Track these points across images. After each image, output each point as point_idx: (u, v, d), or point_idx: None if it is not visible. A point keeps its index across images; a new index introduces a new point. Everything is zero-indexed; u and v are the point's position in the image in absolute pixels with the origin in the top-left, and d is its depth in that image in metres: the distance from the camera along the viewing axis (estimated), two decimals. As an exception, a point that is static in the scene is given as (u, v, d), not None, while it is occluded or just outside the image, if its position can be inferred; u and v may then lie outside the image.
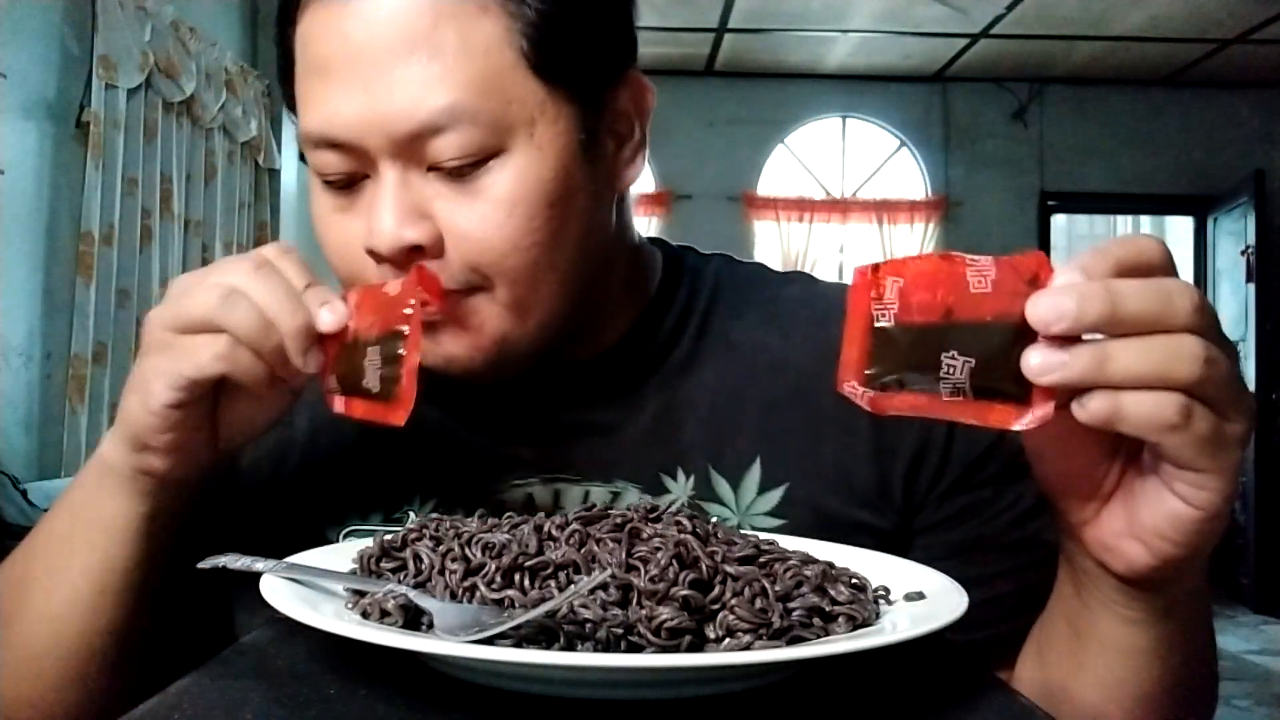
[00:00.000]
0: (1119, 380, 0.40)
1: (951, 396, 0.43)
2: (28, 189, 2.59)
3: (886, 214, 5.66)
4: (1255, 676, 4.05)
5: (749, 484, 0.65)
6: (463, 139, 0.55)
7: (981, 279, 0.43)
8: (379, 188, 0.57)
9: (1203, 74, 5.48)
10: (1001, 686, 0.46)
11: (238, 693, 0.41)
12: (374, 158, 0.57)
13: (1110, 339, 0.40)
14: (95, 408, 2.78)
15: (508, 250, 0.57)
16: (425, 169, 0.57)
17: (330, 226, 0.61)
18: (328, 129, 0.57)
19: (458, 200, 0.57)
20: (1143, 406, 0.40)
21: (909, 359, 0.43)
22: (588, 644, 0.40)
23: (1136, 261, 0.42)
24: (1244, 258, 5.21)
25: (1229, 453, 0.42)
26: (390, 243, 0.56)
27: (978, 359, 0.42)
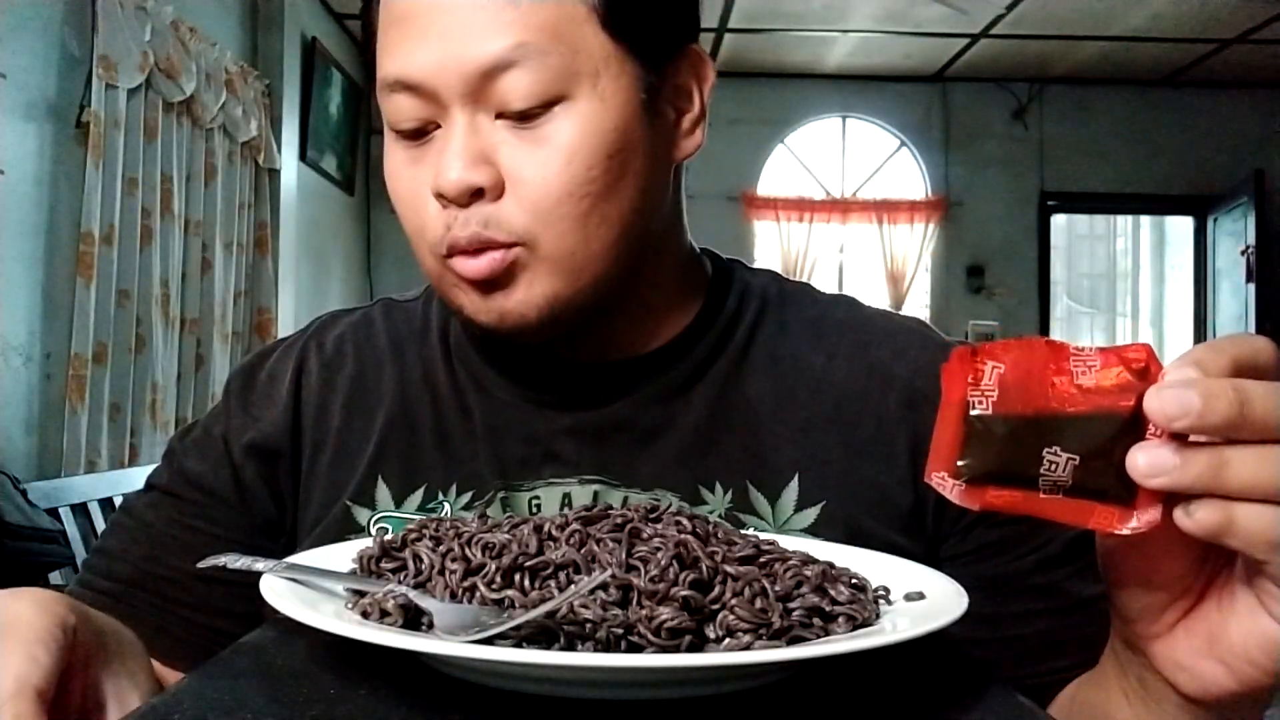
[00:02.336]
0: (1235, 490, 0.37)
1: (1050, 494, 0.40)
2: (28, 189, 2.59)
3: (886, 214, 5.66)
4: (1255, 676, 4.05)
5: (786, 500, 0.65)
6: (530, 79, 0.57)
7: (1087, 369, 0.40)
8: (448, 132, 0.59)
9: (1203, 74, 5.49)
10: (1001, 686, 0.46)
11: (238, 693, 0.41)
12: (445, 102, 0.59)
13: (1227, 444, 0.37)
14: (95, 408, 2.78)
15: (563, 197, 0.59)
16: (493, 116, 0.59)
17: (402, 179, 0.63)
18: (404, 71, 0.59)
19: (522, 146, 0.59)
20: (1259, 521, 0.37)
21: (1005, 452, 0.41)
22: (588, 644, 0.40)
23: (1254, 361, 0.39)
24: (1244, 258, 5.22)
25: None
26: (455, 184, 0.58)
27: (1081, 456, 0.39)
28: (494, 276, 0.60)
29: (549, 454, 0.67)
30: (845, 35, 5.09)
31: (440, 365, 0.72)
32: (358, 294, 5.17)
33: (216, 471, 0.70)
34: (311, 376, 0.72)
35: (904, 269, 5.65)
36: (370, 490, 0.68)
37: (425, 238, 0.62)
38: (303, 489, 0.70)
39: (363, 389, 0.72)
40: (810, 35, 5.09)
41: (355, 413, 0.71)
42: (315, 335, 0.75)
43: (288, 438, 0.70)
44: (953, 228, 5.70)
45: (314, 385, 0.72)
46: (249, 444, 0.70)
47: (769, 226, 5.62)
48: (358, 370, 0.72)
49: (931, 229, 5.66)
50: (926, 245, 5.66)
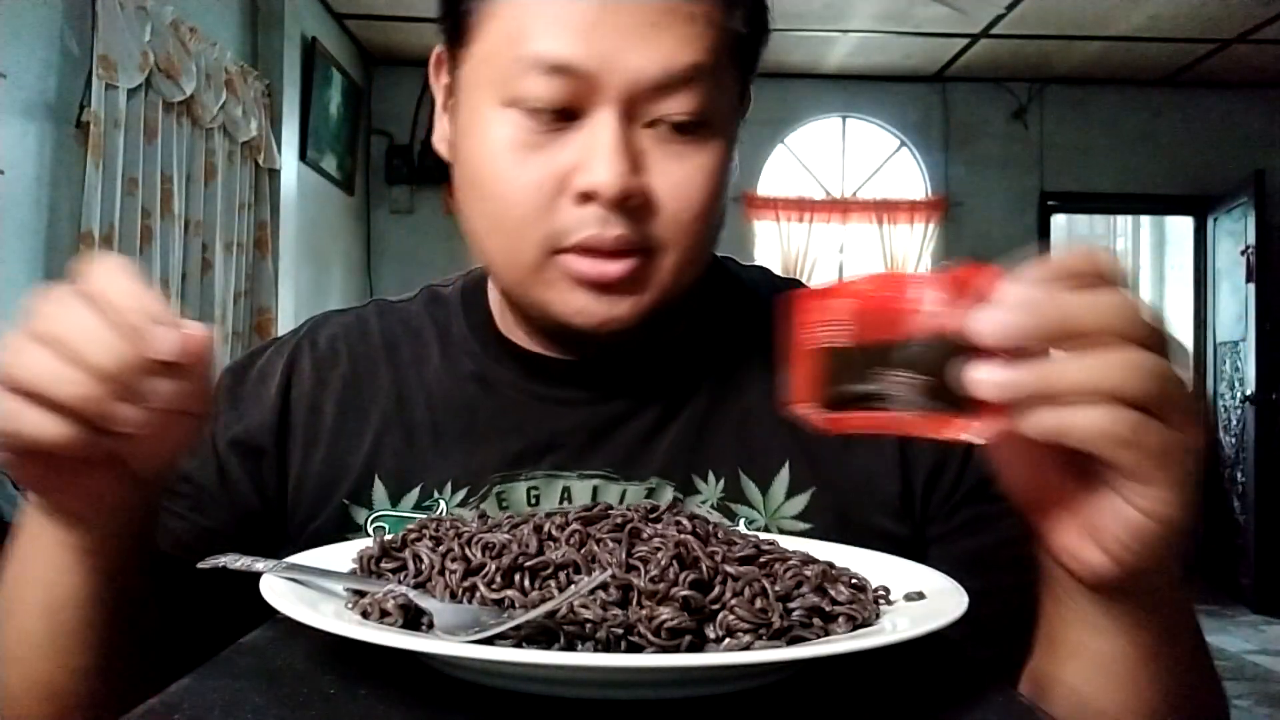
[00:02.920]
0: (1065, 395, 0.40)
1: (904, 411, 0.43)
2: (28, 189, 2.59)
3: (886, 214, 5.66)
4: (1255, 676, 4.05)
5: (777, 488, 0.67)
6: (695, 100, 0.59)
7: (927, 295, 0.42)
8: (602, 130, 0.58)
9: (1203, 74, 5.48)
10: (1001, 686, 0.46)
11: (238, 693, 0.41)
12: (602, 99, 0.58)
13: (1057, 353, 0.40)
14: (95, 408, 2.78)
15: (701, 214, 0.62)
16: (644, 124, 0.59)
17: (516, 159, 0.60)
18: (571, 56, 0.57)
19: (671, 160, 0.60)
20: (1090, 421, 0.40)
21: (860, 378, 0.44)
22: (588, 644, 0.40)
23: (1084, 272, 0.41)
24: (1244, 258, 5.21)
25: (1181, 465, 0.42)
26: (617, 187, 0.58)
27: (928, 375, 0.42)
28: (624, 280, 0.61)
29: (550, 447, 0.68)
30: (845, 35, 5.09)
31: (438, 364, 0.72)
32: (358, 294, 5.17)
33: (203, 465, 0.70)
34: (304, 375, 0.73)
35: (904, 269, 5.65)
36: (367, 490, 0.69)
37: (541, 228, 0.60)
38: (293, 487, 0.70)
39: (356, 388, 0.72)
40: (810, 35, 5.08)
41: (349, 411, 0.71)
42: (308, 335, 0.76)
43: (273, 436, 0.70)
44: (953, 228, 5.69)
45: (306, 384, 0.72)
46: (233, 439, 0.70)
47: (769, 226, 5.61)
48: (351, 369, 0.73)
49: (931, 229, 5.65)
50: (926, 245, 5.66)
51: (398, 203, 5.46)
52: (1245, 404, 5.20)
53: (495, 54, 0.60)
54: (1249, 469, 5.16)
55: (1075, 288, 0.40)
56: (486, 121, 0.61)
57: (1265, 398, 5.07)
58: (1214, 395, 5.65)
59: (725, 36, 0.61)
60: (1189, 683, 0.54)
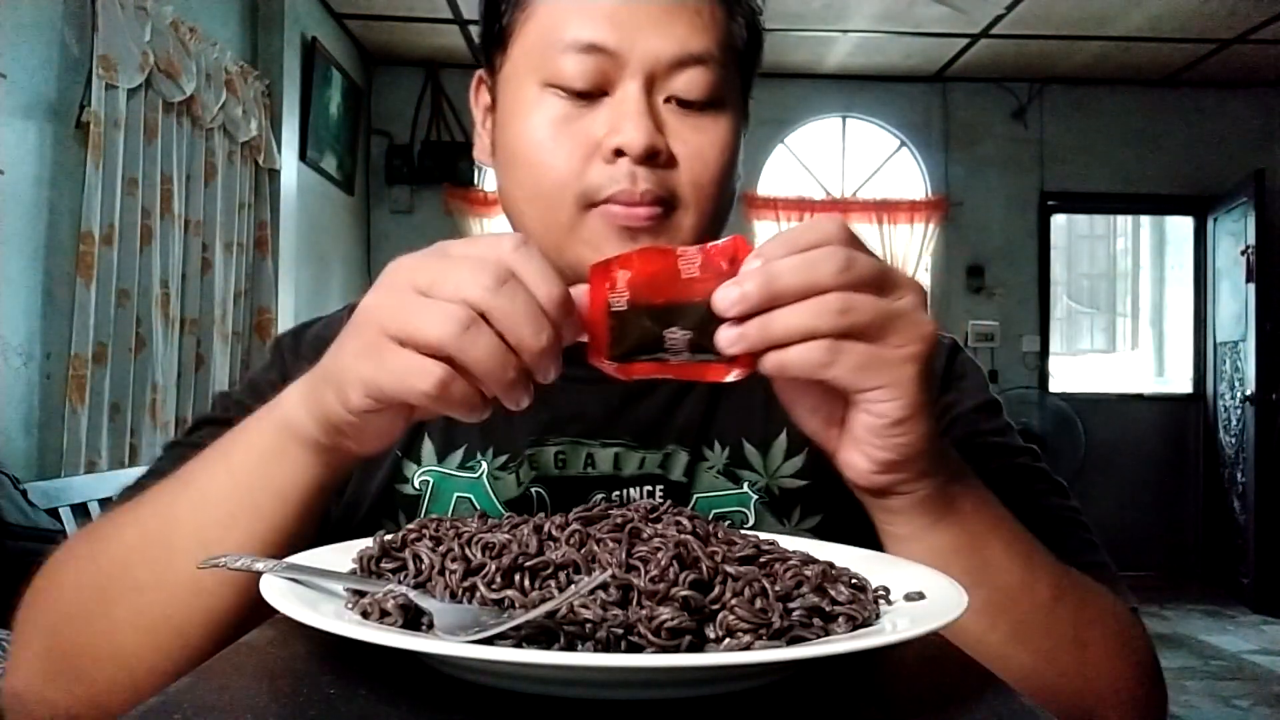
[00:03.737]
0: (782, 340, 0.50)
1: (677, 360, 0.53)
2: (28, 189, 2.59)
3: (886, 214, 5.66)
4: (1255, 676, 4.05)
5: (776, 452, 0.75)
6: (706, 80, 0.69)
7: (691, 265, 0.52)
8: (628, 98, 0.68)
9: (1203, 74, 5.49)
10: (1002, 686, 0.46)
11: (238, 693, 0.41)
12: (630, 74, 0.68)
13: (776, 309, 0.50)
14: (95, 408, 2.78)
15: (718, 178, 0.71)
16: (662, 98, 0.69)
17: (554, 131, 0.69)
18: (603, 38, 0.68)
19: (687, 129, 0.70)
20: (796, 356, 0.50)
21: (641, 334, 0.53)
22: (588, 644, 0.40)
23: (811, 240, 0.51)
24: (1244, 258, 5.21)
25: (895, 369, 0.51)
26: (644, 142, 0.66)
27: (694, 331, 0.52)
28: (648, 225, 0.68)
29: (575, 418, 0.75)
30: (845, 35, 5.09)
31: None
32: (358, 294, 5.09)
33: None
34: None
35: (904, 269, 5.65)
36: (417, 445, 0.76)
37: (576, 186, 0.68)
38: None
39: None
40: (810, 35, 5.09)
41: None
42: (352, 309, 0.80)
43: None
44: (953, 228, 5.70)
45: None
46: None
47: (769, 227, 5.61)
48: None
49: (931, 229, 5.66)
50: (926, 245, 5.66)
51: (398, 203, 5.46)
52: (1245, 404, 5.20)
53: (534, 46, 0.70)
54: (1249, 469, 5.16)
55: (799, 253, 0.50)
56: (528, 104, 0.70)
57: (1265, 398, 5.07)
58: (1214, 395, 5.65)
59: (728, 37, 0.71)
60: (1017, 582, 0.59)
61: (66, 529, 2.40)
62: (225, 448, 0.61)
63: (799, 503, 0.73)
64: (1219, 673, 4.07)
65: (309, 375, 0.58)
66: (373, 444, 0.57)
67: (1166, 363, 6.37)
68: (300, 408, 0.57)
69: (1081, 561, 0.67)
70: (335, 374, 0.54)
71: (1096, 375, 6.92)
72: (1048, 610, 0.59)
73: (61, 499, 2.49)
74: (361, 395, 0.51)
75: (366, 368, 0.51)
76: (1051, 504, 0.73)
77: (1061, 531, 0.70)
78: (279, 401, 0.59)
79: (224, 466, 0.60)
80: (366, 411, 0.52)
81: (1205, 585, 5.46)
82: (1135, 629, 0.66)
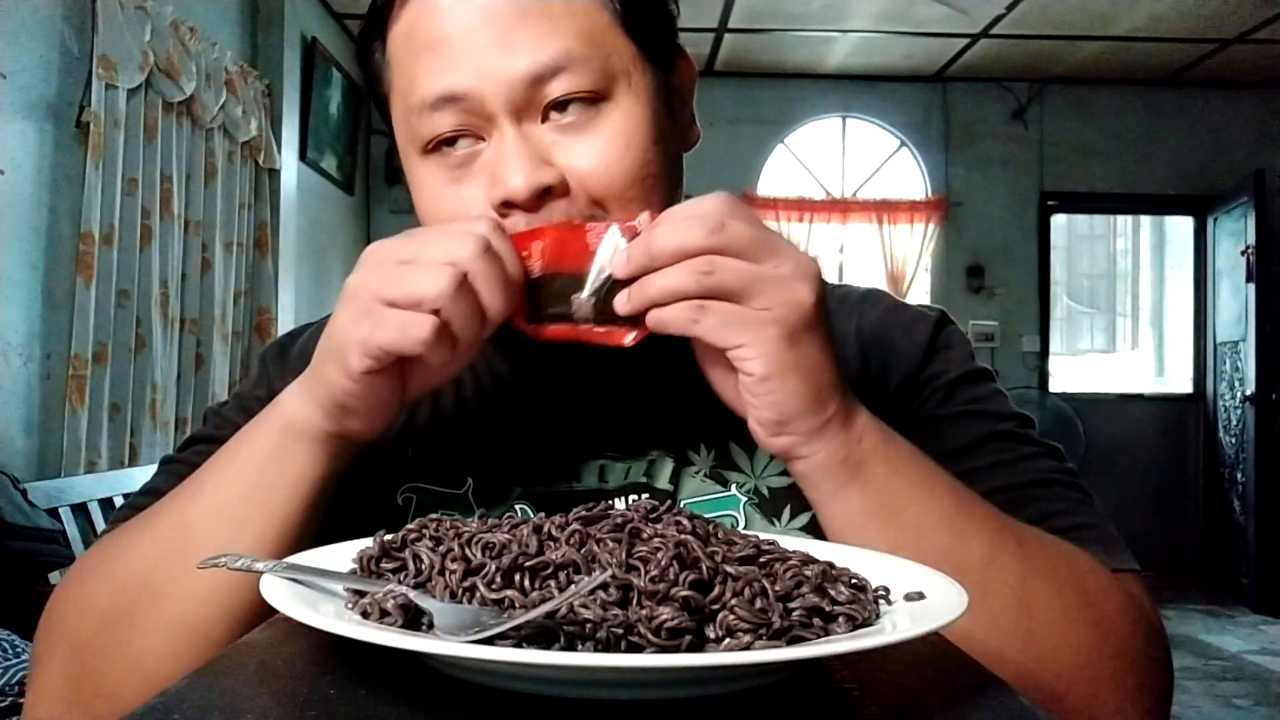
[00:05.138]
0: (657, 299, 0.55)
1: (584, 323, 0.59)
2: (28, 189, 2.59)
3: (886, 214, 5.66)
4: (1255, 676, 4.05)
5: (763, 452, 0.72)
6: (575, 80, 0.64)
7: (598, 238, 0.58)
8: (502, 143, 0.65)
9: (1203, 74, 5.49)
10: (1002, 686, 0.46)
11: (238, 693, 0.41)
12: (491, 113, 0.64)
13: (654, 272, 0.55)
14: (95, 408, 2.78)
15: (630, 181, 0.66)
16: (540, 120, 0.65)
17: (444, 198, 0.67)
18: (450, 87, 0.64)
19: (577, 143, 0.65)
20: (669, 313, 0.55)
21: (552, 300, 0.59)
22: (588, 644, 0.40)
23: (693, 211, 0.55)
24: (1244, 258, 5.21)
25: (756, 329, 0.55)
26: (525, 187, 0.63)
27: (597, 297, 0.58)
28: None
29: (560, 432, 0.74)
30: (845, 35, 5.09)
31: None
32: (358, 294, 5.16)
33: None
34: None
35: (904, 269, 5.65)
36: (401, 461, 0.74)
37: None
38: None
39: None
40: (810, 35, 5.09)
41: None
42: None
43: None
44: (953, 228, 5.70)
45: None
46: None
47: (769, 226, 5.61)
48: None
49: (931, 229, 5.66)
50: (926, 245, 5.66)
51: (398, 203, 5.46)
52: (1245, 404, 5.20)
53: (402, 115, 0.69)
54: (1249, 469, 5.16)
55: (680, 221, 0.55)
56: (416, 177, 0.69)
57: (1265, 398, 5.07)
58: (1214, 395, 5.65)
59: (595, 19, 0.65)
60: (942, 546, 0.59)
61: (66, 529, 2.40)
62: (230, 454, 0.63)
63: (788, 501, 0.72)
64: (1219, 673, 4.07)
65: (306, 371, 0.61)
66: (375, 418, 0.60)
67: (1166, 363, 6.37)
68: (301, 402, 0.60)
69: (1067, 524, 0.66)
70: (334, 346, 0.57)
71: (1096, 375, 6.91)
72: (980, 573, 0.57)
73: (61, 499, 2.49)
74: (361, 355, 0.56)
75: (364, 329, 0.56)
76: (1034, 466, 0.71)
77: (1042, 493, 0.69)
78: (278, 403, 0.62)
79: (232, 471, 0.62)
80: (367, 373, 0.56)
81: (1205, 585, 5.46)
82: (1111, 593, 0.62)
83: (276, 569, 0.49)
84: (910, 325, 0.77)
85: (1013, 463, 0.71)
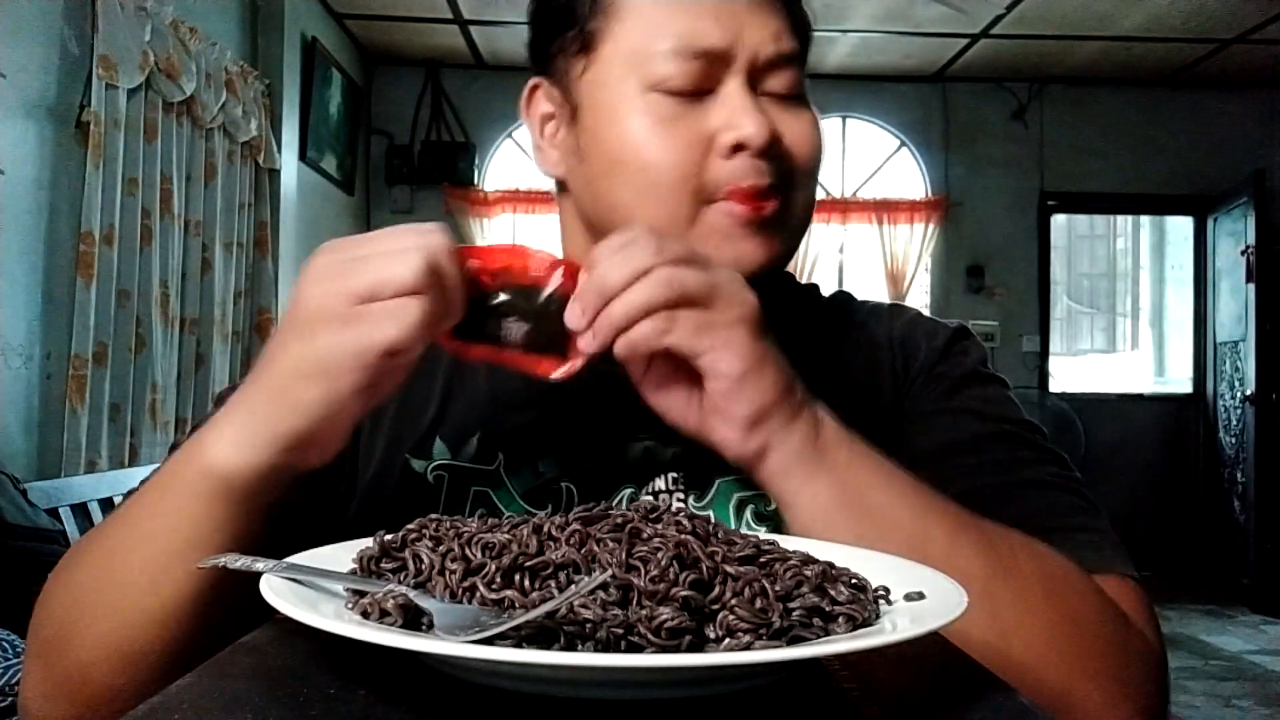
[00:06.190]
0: (624, 322, 0.55)
1: (512, 349, 0.59)
2: (28, 189, 2.59)
3: (886, 214, 5.66)
4: (1255, 676, 4.05)
5: None
6: (795, 76, 0.73)
7: (539, 268, 0.58)
8: (738, 95, 0.70)
9: (1203, 74, 5.49)
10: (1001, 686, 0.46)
11: (238, 693, 0.41)
12: (734, 72, 0.70)
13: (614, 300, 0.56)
14: (95, 408, 2.78)
15: (818, 157, 0.74)
16: (759, 93, 0.71)
17: (664, 130, 0.70)
18: (708, 35, 0.69)
19: (788, 117, 0.72)
20: (639, 331, 0.56)
21: (484, 318, 0.58)
22: (588, 644, 0.40)
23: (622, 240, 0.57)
24: (1244, 258, 5.21)
25: (727, 330, 0.57)
26: (765, 134, 0.69)
27: (529, 324, 0.58)
28: (773, 218, 0.71)
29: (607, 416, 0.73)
30: (845, 35, 5.09)
31: None
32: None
33: None
34: None
35: (904, 269, 5.65)
36: (428, 445, 0.74)
37: (692, 183, 0.70)
38: (364, 445, 0.74)
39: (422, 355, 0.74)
40: (810, 35, 5.09)
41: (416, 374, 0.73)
42: None
43: None
44: (953, 228, 5.70)
45: None
46: None
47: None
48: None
49: (931, 229, 5.65)
50: (926, 245, 5.66)
51: (398, 203, 5.46)
52: (1245, 404, 5.21)
53: (632, 49, 0.71)
54: (1249, 469, 5.16)
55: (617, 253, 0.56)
56: (629, 106, 0.71)
57: (1265, 398, 5.07)
58: (1214, 395, 5.65)
59: (803, 38, 0.75)
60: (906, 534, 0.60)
61: (66, 529, 2.40)
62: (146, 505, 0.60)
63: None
64: (1219, 673, 4.07)
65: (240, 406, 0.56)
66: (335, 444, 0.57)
67: (1166, 363, 6.37)
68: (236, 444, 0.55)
69: (1057, 524, 0.66)
70: (313, 366, 0.53)
71: (1096, 375, 6.92)
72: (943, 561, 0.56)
73: (61, 499, 2.49)
74: (357, 367, 0.52)
75: (354, 335, 0.52)
76: (1032, 469, 0.72)
77: (1035, 494, 0.69)
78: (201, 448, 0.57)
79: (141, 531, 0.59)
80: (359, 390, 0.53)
81: (1205, 585, 5.46)
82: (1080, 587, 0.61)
83: (276, 569, 0.49)
84: (932, 332, 0.81)
85: (1008, 463, 0.71)
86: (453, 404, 0.75)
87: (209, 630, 0.56)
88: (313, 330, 0.53)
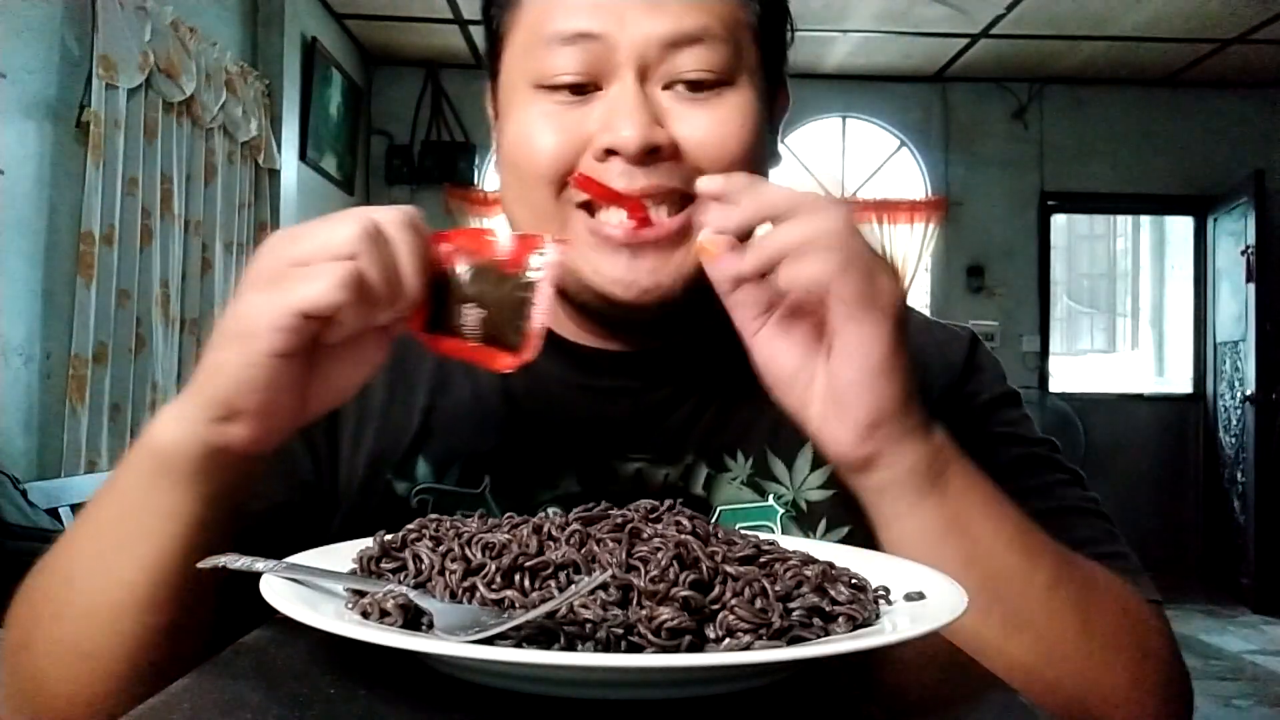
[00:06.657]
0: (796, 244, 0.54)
1: (471, 340, 0.57)
2: (28, 189, 2.59)
3: (887, 214, 5.66)
4: (1255, 676, 4.05)
5: (801, 463, 0.72)
6: (709, 57, 0.65)
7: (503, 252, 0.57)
8: (621, 92, 0.64)
9: (1203, 74, 5.48)
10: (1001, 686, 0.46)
11: (238, 693, 0.41)
12: (619, 62, 0.64)
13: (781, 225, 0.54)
14: (95, 408, 2.78)
15: (739, 157, 0.65)
16: (662, 86, 0.65)
17: (545, 125, 0.65)
18: (586, 25, 0.64)
19: (693, 115, 0.65)
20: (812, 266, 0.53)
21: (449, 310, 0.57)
22: (588, 644, 0.40)
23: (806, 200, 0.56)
24: (1244, 258, 5.21)
25: (881, 311, 0.54)
26: (637, 140, 0.62)
27: (489, 311, 0.57)
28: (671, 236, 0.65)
29: (595, 435, 0.71)
30: (845, 35, 5.09)
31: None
32: (358, 294, 5.15)
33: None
34: None
35: (904, 269, 5.65)
36: (411, 466, 0.72)
37: (560, 182, 0.65)
38: (345, 462, 0.72)
39: (403, 369, 0.74)
40: (810, 35, 5.08)
41: (397, 389, 0.73)
42: None
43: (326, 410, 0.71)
44: (953, 228, 5.69)
45: None
46: None
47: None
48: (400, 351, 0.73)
49: (931, 229, 5.65)
50: (926, 245, 5.66)
51: (398, 203, 5.43)
52: (1245, 404, 5.20)
53: (524, 45, 0.67)
54: (1249, 469, 5.16)
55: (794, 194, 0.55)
56: (519, 106, 0.67)
57: (1265, 398, 5.07)
58: (1214, 395, 5.65)
59: (734, 12, 0.67)
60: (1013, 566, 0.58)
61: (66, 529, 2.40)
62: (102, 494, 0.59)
63: (824, 514, 0.71)
64: (1219, 673, 4.07)
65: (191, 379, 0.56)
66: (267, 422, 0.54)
67: (1166, 363, 6.37)
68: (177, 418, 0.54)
69: (1098, 552, 0.66)
70: (237, 327, 0.52)
71: (1096, 375, 6.91)
72: (1046, 596, 0.57)
73: (61, 499, 2.49)
74: (272, 328, 0.50)
75: (279, 295, 0.51)
76: (1068, 493, 0.72)
77: (1077, 520, 0.69)
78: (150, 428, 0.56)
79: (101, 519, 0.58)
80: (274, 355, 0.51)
81: (1205, 585, 5.46)
82: (1152, 622, 0.63)
83: (276, 569, 0.49)
84: (945, 344, 0.78)
85: (1047, 488, 0.71)
86: (435, 418, 0.73)
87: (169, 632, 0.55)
88: (244, 294, 0.53)
